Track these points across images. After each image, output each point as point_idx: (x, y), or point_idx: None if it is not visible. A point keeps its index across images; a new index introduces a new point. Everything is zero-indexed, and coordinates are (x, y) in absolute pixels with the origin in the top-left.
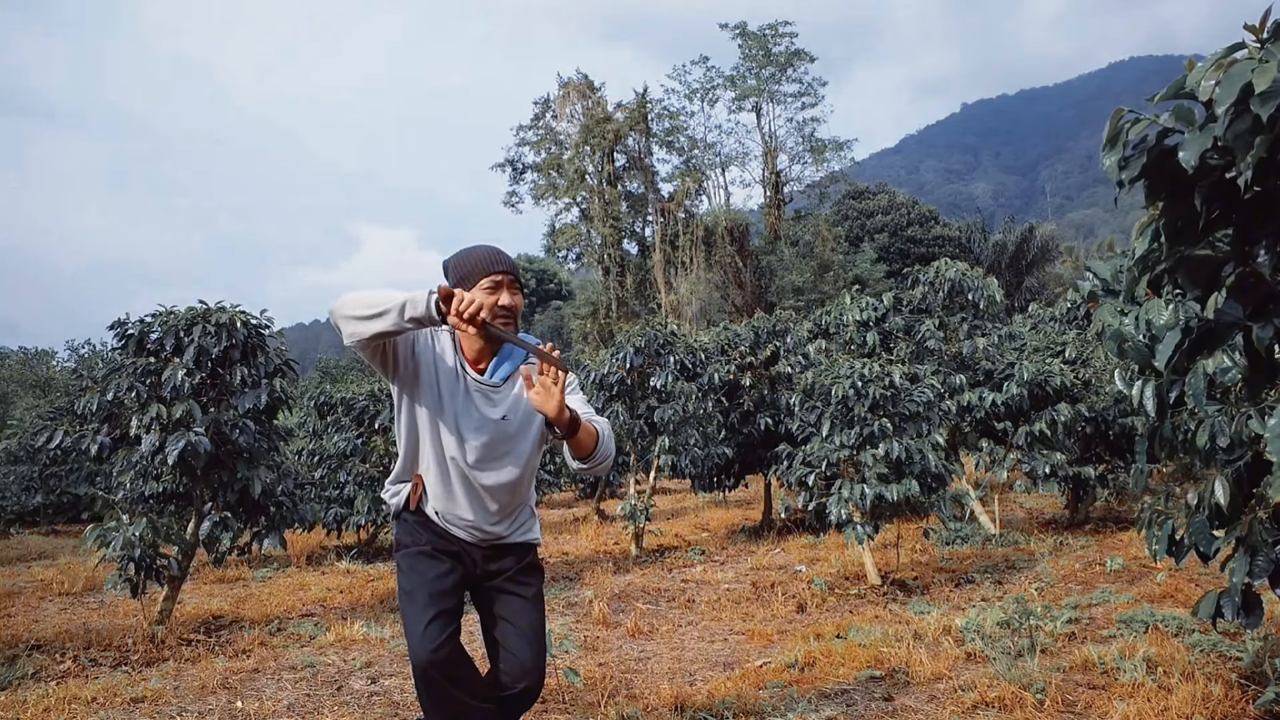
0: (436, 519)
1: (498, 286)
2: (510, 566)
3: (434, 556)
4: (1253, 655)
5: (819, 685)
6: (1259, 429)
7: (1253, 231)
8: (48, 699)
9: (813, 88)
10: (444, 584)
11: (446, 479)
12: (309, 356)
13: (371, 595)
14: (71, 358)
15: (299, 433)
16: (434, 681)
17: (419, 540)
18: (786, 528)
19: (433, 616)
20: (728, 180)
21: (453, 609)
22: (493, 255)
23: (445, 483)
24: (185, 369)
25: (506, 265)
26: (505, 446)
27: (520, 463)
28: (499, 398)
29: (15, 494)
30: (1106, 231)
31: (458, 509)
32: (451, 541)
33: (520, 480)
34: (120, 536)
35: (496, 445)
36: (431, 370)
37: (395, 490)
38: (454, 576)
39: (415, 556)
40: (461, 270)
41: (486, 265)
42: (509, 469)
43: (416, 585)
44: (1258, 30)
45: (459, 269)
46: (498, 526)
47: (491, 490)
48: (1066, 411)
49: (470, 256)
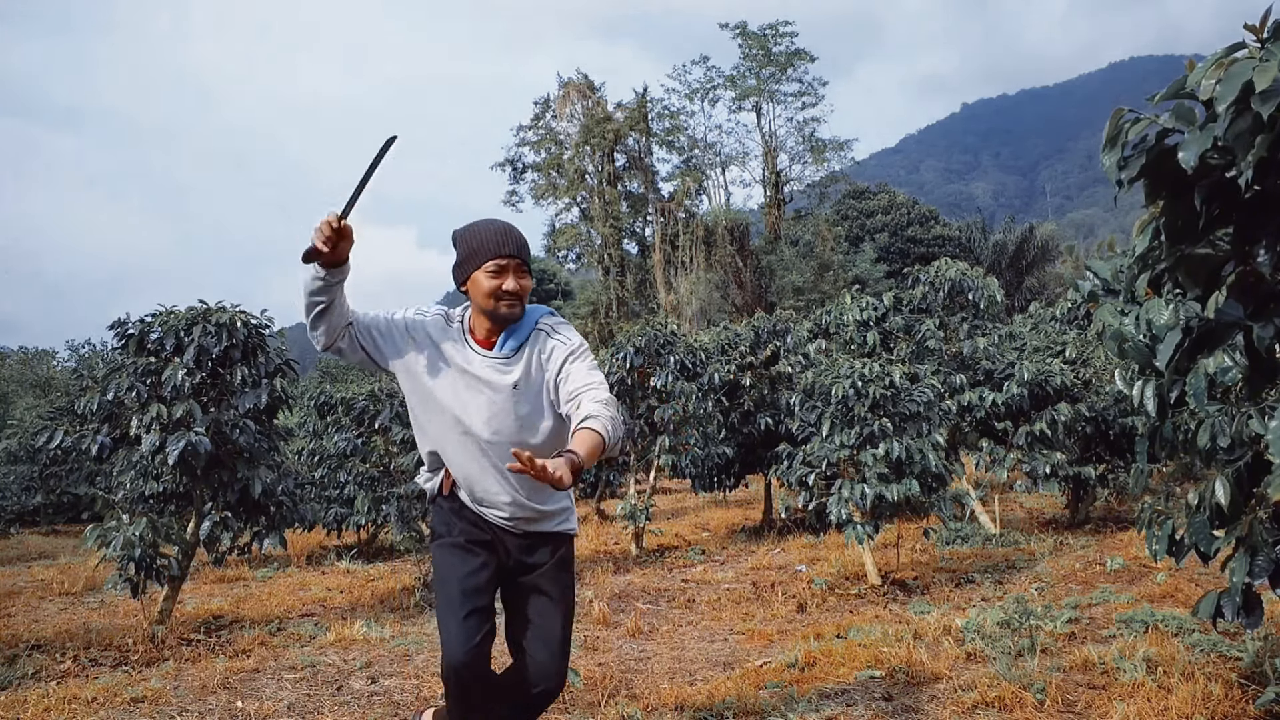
0: (470, 503)
1: (502, 271)
2: (544, 561)
3: (468, 550)
4: (1253, 655)
5: (819, 685)
6: (1259, 429)
7: (1253, 231)
8: (48, 699)
9: (813, 87)
10: (478, 580)
11: (469, 458)
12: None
13: (371, 595)
14: (71, 358)
15: (299, 433)
16: (465, 680)
17: (452, 531)
18: (786, 528)
19: (467, 614)
20: (728, 180)
21: (486, 607)
22: (500, 236)
23: (469, 463)
24: (185, 369)
25: (514, 248)
26: (520, 417)
27: (537, 432)
28: (508, 368)
29: (15, 494)
30: (1106, 231)
31: (489, 487)
32: (485, 529)
33: (541, 449)
34: (120, 536)
35: (509, 416)
36: (428, 356)
37: (429, 476)
38: (487, 571)
39: (449, 549)
40: (468, 246)
41: (494, 247)
42: (527, 438)
43: (450, 580)
44: (1258, 30)
45: (466, 244)
46: (533, 500)
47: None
48: (1066, 411)
49: (478, 234)
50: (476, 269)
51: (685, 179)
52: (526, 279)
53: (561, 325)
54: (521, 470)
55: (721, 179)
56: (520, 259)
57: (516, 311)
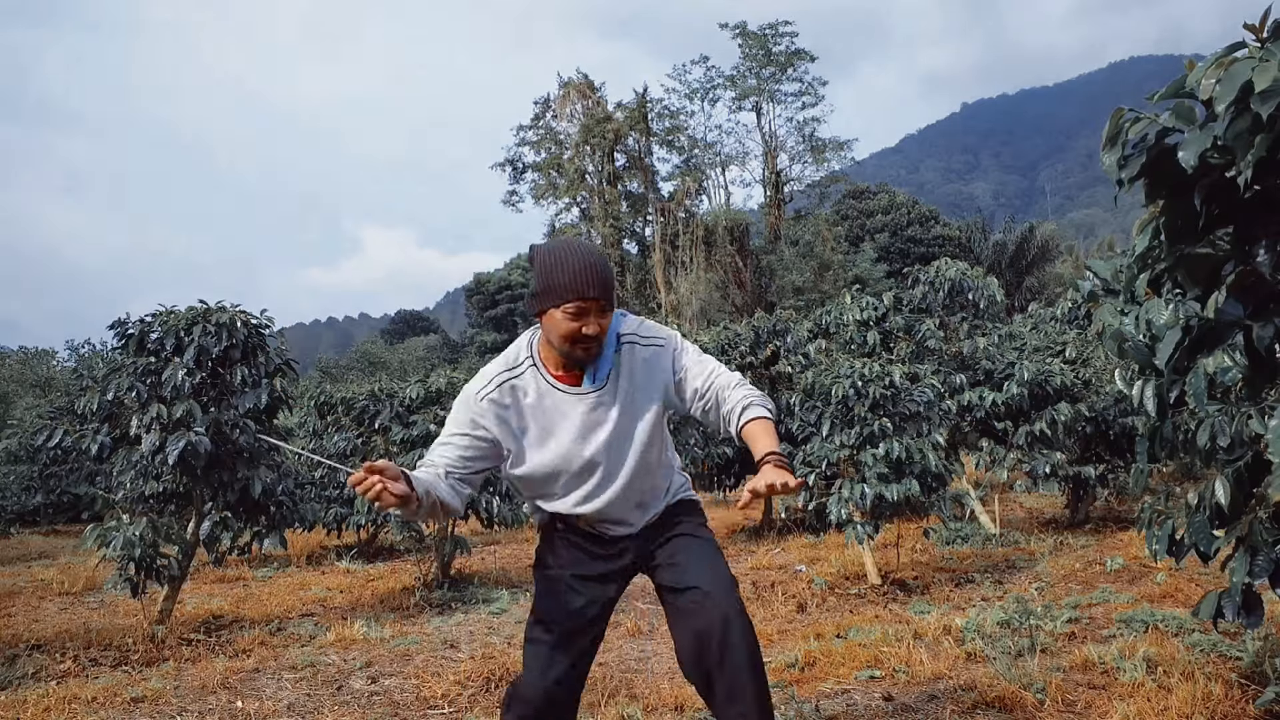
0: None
1: (582, 314)
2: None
3: (573, 589)
4: (1253, 655)
5: (819, 685)
6: (1259, 429)
7: (1253, 231)
8: (48, 699)
9: (813, 87)
10: (580, 620)
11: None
12: (309, 356)
13: (371, 595)
14: (71, 357)
15: (299, 432)
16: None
17: (560, 561)
18: (786, 527)
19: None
20: (728, 180)
21: (585, 648)
22: (584, 274)
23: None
24: (185, 369)
25: (599, 288)
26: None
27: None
28: (602, 397)
29: (15, 494)
30: (1106, 231)
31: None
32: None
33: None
34: (120, 536)
35: (618, 438)
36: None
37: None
38: (593, 610)
39: (553, 581)
40: (547, 281)
41: (576, 287)
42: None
43: (552, 615)
44: (1258, 29)
45: (545, 278)
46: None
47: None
48: (1066, 411)
49: (559, 267)
50: (554, 307)
51: (685, 179)
52: (608, 317)
53: (643, 327)
54: (754, 500)
55: (721, 179)
56: (605, 299)
57: (594, 354)
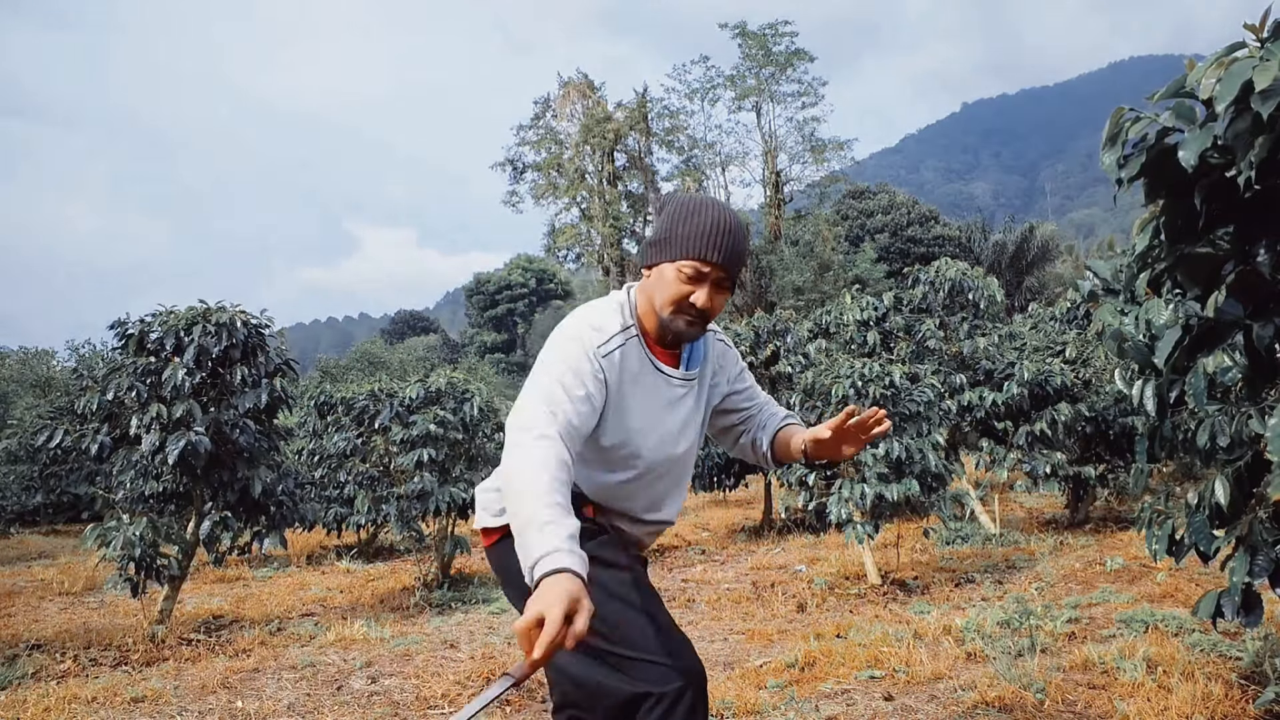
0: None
1: (699, 278)
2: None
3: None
4: (1253, 655)
5: (819, 685)
6: (1259, 428)
7: (1253, 230)
8: (48, 699)
9: (813, 87)
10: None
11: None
12: (309, 356)
13: (371, 595)
14: (71, 357)
15: (299, 432)
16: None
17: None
18: (786, 527)
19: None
20: (728, 180)
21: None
22: (715, 235)
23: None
24: (185, 368)
25: (725, 255)
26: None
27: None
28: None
29: (15, 494)
30: (1106, 231)
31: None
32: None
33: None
34: (120, 536)
35: (691, 430)
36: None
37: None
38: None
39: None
40: (671, 229)
41: (700, 245)
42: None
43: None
44: (1258, 29)
45: (670, 225)
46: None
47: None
48: (1066, 411)
49: (690, 218)
50: (669, 261)
51: (685, 179)
52: (724, 296)
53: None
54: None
55: (721, 179)
56: (728, 271)
57: (695, 332)
